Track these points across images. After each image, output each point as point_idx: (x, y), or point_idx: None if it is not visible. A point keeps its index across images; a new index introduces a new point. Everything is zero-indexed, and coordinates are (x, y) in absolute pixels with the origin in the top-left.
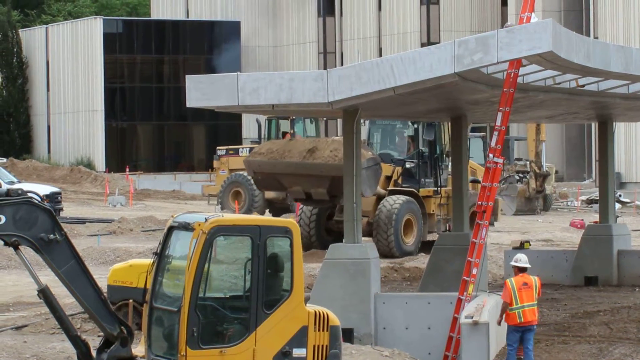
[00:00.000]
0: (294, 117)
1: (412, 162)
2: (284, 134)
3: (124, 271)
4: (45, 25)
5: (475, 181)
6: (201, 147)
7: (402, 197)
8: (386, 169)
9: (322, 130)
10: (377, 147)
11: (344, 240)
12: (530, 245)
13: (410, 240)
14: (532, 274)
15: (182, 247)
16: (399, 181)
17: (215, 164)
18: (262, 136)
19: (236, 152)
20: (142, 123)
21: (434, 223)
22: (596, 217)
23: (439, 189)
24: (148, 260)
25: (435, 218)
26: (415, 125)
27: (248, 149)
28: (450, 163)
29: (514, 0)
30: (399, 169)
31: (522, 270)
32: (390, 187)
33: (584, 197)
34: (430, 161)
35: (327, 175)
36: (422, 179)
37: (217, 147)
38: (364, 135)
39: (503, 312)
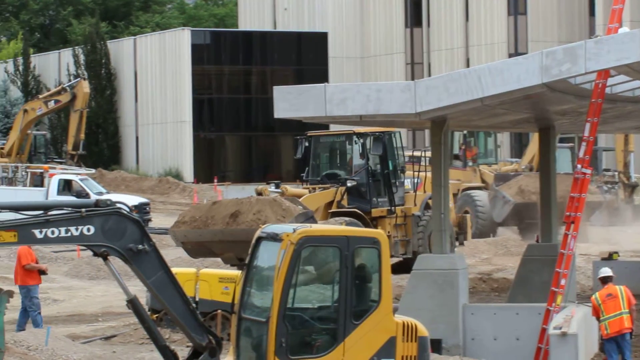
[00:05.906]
0: (474, 131)
1: (355, 180)
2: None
3: None
4: (133, 37)
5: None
6: (289, 158)
7: (343, 219)
8: (330, 192)
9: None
10: (323, 167)
11: (432, 251)
12: (619, 256)
13: None
14: (619, 284)
15: (270, 258)
16: (343, 202)
17: None
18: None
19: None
20: (230, 134)
21: (391, 246)
22: None
23: (393, 208)
24: None
25: (392, 240)
26: (362, 140)
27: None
28: (405, 179)
29: (602, 11)
30: (341, 189)
31: (605, 280)
32: (333, 209)
33: None
34: (382, 178)
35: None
36: (374, 199)
37: None
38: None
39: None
